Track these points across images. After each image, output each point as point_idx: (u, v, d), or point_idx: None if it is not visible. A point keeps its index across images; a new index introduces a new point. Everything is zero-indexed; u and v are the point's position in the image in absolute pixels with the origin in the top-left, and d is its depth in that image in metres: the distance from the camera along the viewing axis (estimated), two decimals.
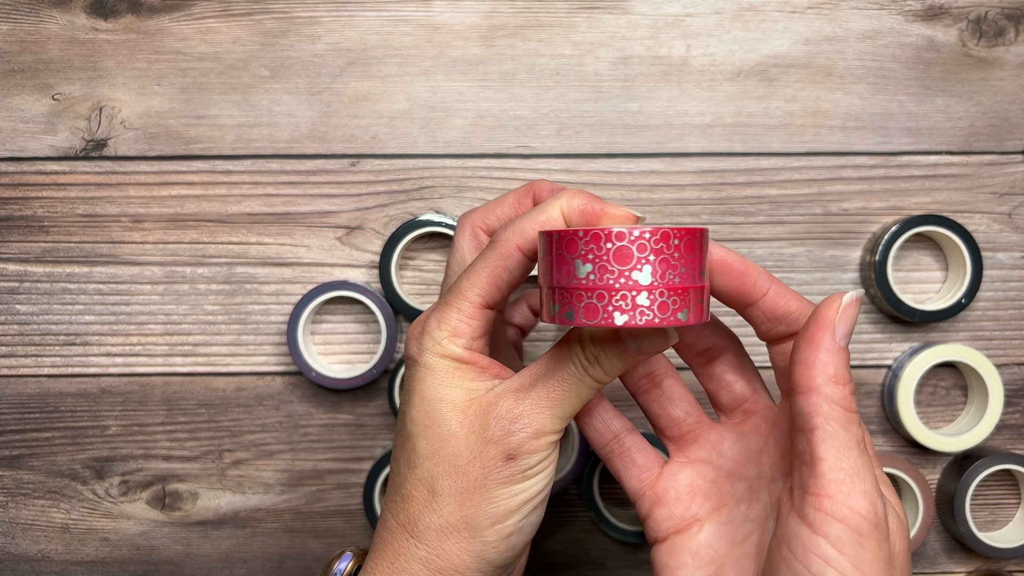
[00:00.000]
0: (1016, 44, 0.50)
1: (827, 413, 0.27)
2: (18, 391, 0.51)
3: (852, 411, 0.28)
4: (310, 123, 0.50)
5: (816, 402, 0.28)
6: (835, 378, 0.28)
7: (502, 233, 0.32)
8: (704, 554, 0.32)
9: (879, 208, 0.50)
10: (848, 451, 0.27)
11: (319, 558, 0.51)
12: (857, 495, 0.27)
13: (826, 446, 0.27)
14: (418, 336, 0.32)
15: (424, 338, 0.32)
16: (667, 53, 0.50)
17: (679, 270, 0.28)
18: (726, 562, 0.32)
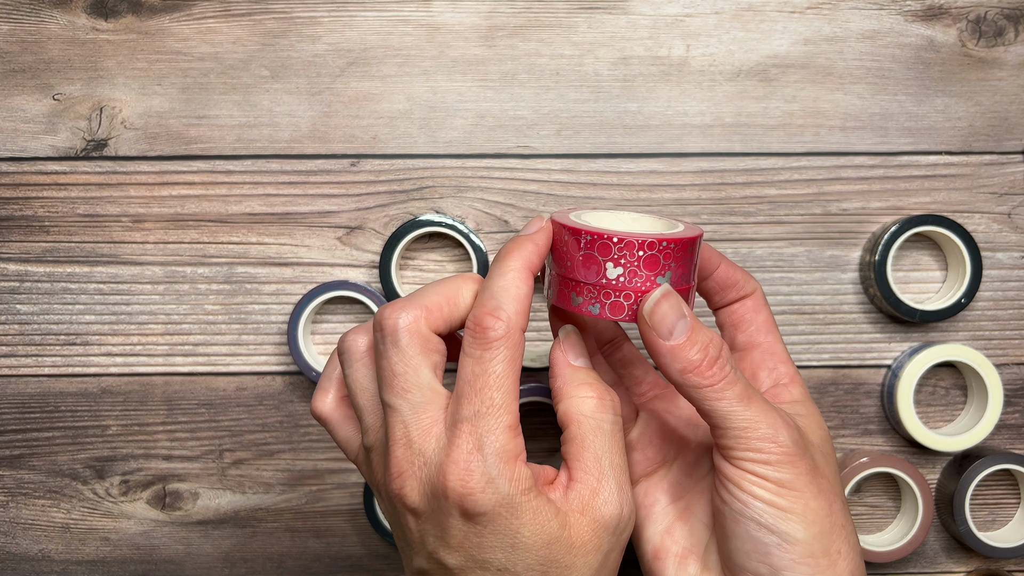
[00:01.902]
0: (1016, 44, 0.50)
1: (697, 397, 0.31)
2: (18, 391, 0.51)
3: (714, 383, 0.31)
4: (310, 123, 0.50)
5: (685, 392, 0.31)
6: (683, 371, 0.31)
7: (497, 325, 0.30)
8: (674, 490, 0.36)
9: (879, 208, 0.50)
10: (732, 414, 0.31)
11: (319, 558, 0.51)
12: (755, 440, 0.31)
13: (713, 418, 0.31)
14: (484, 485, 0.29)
15: (498, 483, 0.29)
16: (667, 53, 0.50)
17: (688, 272, 0.32)
18: (692, 494, 0.36)
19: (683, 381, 0.31)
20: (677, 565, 0.35)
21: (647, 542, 0.36)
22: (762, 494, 0.31)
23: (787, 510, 0.31)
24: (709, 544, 0.35)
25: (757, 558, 0.32)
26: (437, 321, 0.32)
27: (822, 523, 0.31)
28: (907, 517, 0.50)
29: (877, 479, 0.51)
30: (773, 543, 0.31)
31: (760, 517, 0.31)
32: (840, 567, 0.32)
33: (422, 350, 0.31)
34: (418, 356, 0.31)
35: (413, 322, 0.31)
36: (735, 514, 0.32)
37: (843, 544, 0.32)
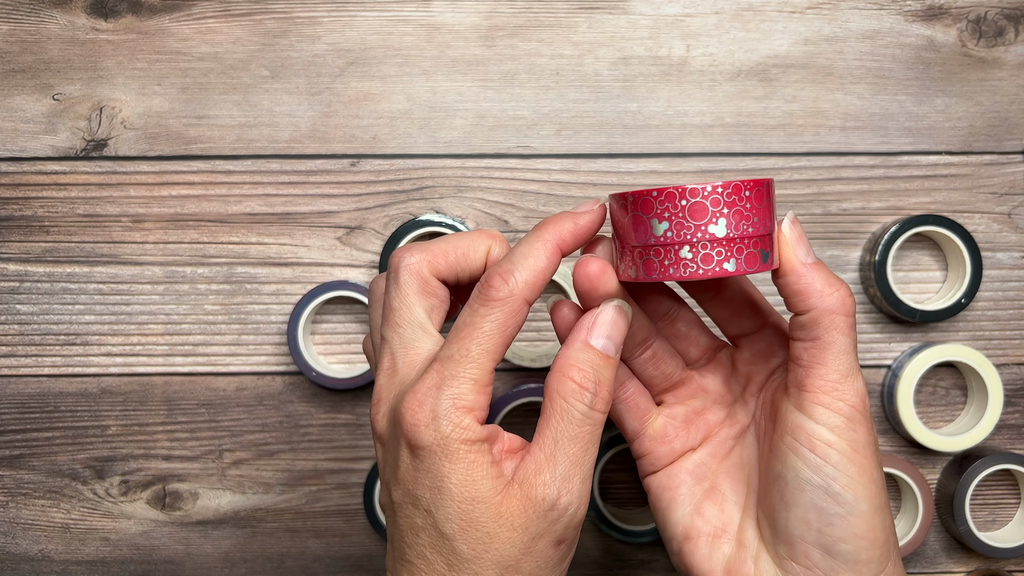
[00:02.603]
0: (1016, 44, 0.50)
1: (828, 324, 0.31)
2: (18, 391, 0.51)
3: (848, 313, 0.31)
4: (310, 123, 0.50)
5: (816, 318, 0.31)
6: (823, 291, 0.31)
7: (502, 286, 0.30)
8: (698, 471, 0.36)
9: (879, 208, 0.50)
10: (845, 354, 0.31)
11: (319, 558, 0.51)
12: (851, 391, 0.31)
13: (827, 352, 0.31)
14: (429, 420, 0.29)
15: (441, 423, 0.29)
16: (667, 53, 0.50)
17: (752, 220, 0.30)
18: (718, 474, 0.36)
19: (822, 303, 0.31)
20: (711, 545, 0.35)
21: (675, 524, 0.36)
22: (834, 457, 0.31)
23: (855, 478, 0.31)
24: (743, 522, 0.35)
25: (818, 527, 0.31)
26: (441, 267, 0.33)
27: (880, 496, 0.32)
28: (907, 517, 0.50)
29: None
30: (838, 514, 0.31)
31: (829, 485, 0.31)
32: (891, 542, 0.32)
33: (419, 290, 0.32)
34: (414, 294, 0.32)
35: (416, 263, 0.32)
36: (800, 482, 0.32)
37: (890, 520, 0.32)
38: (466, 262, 0.33)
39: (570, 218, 0.32)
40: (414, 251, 0.33)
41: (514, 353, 0.49)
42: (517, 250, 0.32)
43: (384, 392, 0.32)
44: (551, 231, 0.32)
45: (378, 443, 0.32)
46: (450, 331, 0.31)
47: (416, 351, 0.32)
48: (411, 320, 0.32)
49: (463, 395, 0.30)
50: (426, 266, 0.32)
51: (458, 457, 0.30)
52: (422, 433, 0.30)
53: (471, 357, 0.30)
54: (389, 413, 0.31)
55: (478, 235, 0.34)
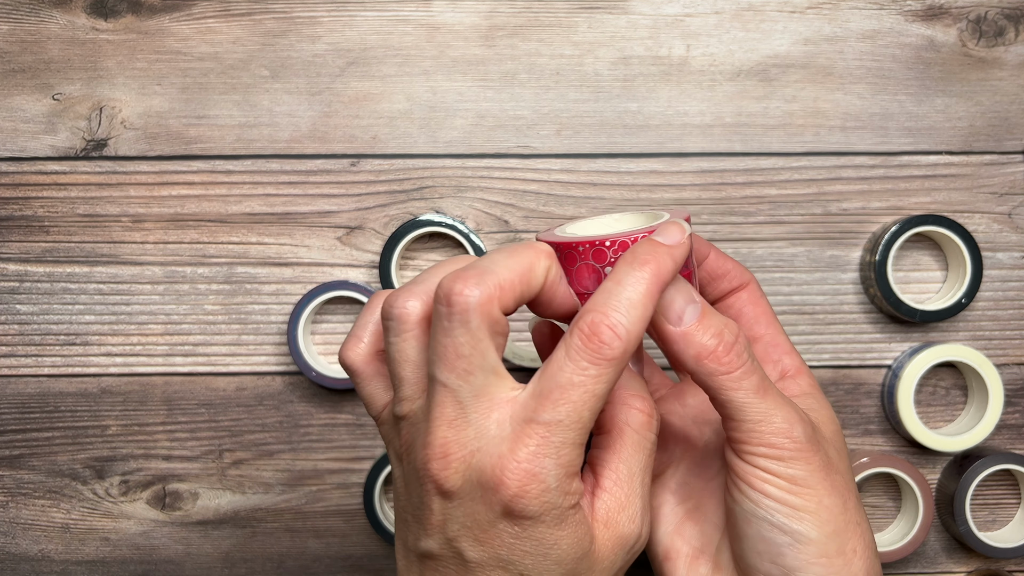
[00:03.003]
0: (1016, 44, 0.50)
1: (714, 387, 0.30)
2: (18, 391, 0.51)
3: (732, 370, 0.30)
4: (310, 123, 0.50)
5: (701, 381, 0.30)
6: (697, 356, 0.30)
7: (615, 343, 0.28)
8: (682, 491, 0.36)
9: (879, 208, 0.50)
10: (747, 405, 0.30)
11: (319, 558, 0.51)
12: (768, 435, 0.30)
13: (728, 409, 0.30)
14: (539, 492, 0.28)
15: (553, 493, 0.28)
16: (667, 53, 0.50)
17: None
18: (702, 495, 0.35)
19: (698, 368, 0.30)
20: (688, 566, 0.34)
21: (657, 543, 0.35)
22: (774, 492, 0.30)
23: (800, 508, 0.30)
24: (721, 544, 0.34)
25: (769, 558, 0.31)
26: (508, 301, 0.29)
27: (836, 521, 0.31)
28: (907, 517, 0.50)
29: (877, 479, 0.51)
30: (785, 543, 0.30)
31: (772, 517, 0.30)
32: (855, 566, 0.31)
33: (491, 332, 0.28)
34: (487, 339, 0.28)
35: (487, 303, 0.28)
36: (746, 514, 0.31)
37: (858, 542, 0.31)
38: (529, 289, 0.30)
39: (669, 254, 0.30)
40: (480, 285, 0.28)
41: (514, 353, 0.49)
42: (622, 293, 0.29)
43: (454, 446, 0.29)
44: (655, 271, 0.29)
45: (439, 496, 0.29)
46: (546, 384, 0.28)
47: (489, 398, 0.29)
48: (483, 367, 0.28)
49: (573, 462, 0.28)
50: (496, 304, 0.29)
51: (567, 523, 0.29)
52: (532, 504, 0.28)
53: (583, 422, 0.28)
54: (467, 471, 0.29)
55: (534, 254, 0.30)
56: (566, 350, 0.28)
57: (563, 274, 0.31)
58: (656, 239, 0.30)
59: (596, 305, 0.29)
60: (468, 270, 0.29)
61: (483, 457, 0.28)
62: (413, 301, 0.30)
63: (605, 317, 0.28)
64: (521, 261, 0.30)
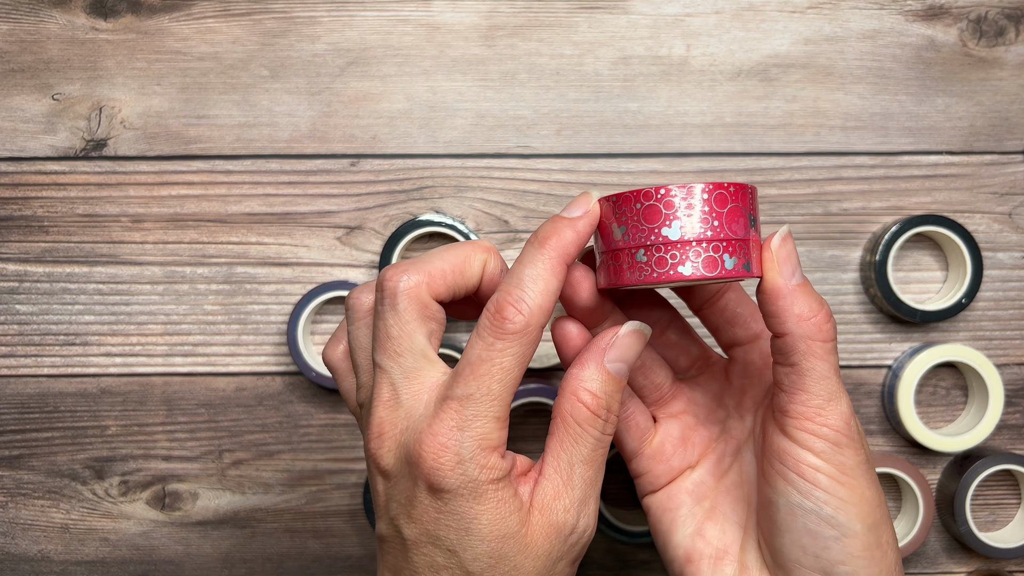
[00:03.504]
0: (1016, 44, 0.50)
1: (804, 350, 0.30)
2: (18, 391, 0.51)
3: (828, 339, 0.30)
4: (310, 123, 0.50)
5: (792, 344, 0.30)
6: (801, 316, 0.30)
7: (516, 317, 0.29)
8: (698, 491, 0.36)
9: (879, 208, 0.50)
10: (826, 379, 0.30)
11: (319, 558, 0.51)
12: (834, 415, 0.31)
13: (806, 378, 0.30)
14: (454, 464, 0.29)
15: (468, 465, 0.29)
16: (667, 53, 0.50)
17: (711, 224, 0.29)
18: (717, 493, 0.35)
19: (798, 329, 0.30)
20: (713, 567, 0.34)
21: (677, 547, 0.35)
22: (823, 481, 0.31)
23: (846, 500, 0.31)
24: (745, 542, 0.34)
25: (814, 552, 0.31)
26: (439, 288, 0.31)
27: (875, 513, 0.31)
28: (908, 517, 0.50)
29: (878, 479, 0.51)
30: (832, 536, 0.31)
31: (820, 509, 0.31)
32: (890, 557, 0.31)
33: (419, 315, 0.30)
34: (414, 321, 0.30)
35: (414, 287, 0.30)
36: (791, 506, 0.31)
37: (890, 535, 0.32)
38: (463, 280, 0.32)
39: (569, 226, 0.31)
40: (409, 272, 0.31)
41: None
42: (523, 271, 0.30)
43: (387, 426, 0.30)
44: (554, 245, 0.30)
45: (380, 476, 0.31)
46: (461, 364, 0.30)
47: (420, 381, 0.30)
48: (412, 348, 0.30)
49: (488, 435, 0.29)
50: (425, 289, 0.31)
51: (486, 498, 0.29)
52: (447, 476, 0.29)
53: (494, 395, 0.29)
54: (397, 450, 0.30)
55: (471, 248, 0.32)
56: (476, 331, 0.30)
57: (504, 267, 0.32)
58: (560, 213, 0.31)
59: (502, 287, 0.30)
60: (406, 262, 0.31)
61: (409, 436, 0.30)
62: (364, 293, 0.33)
63: (508, 295, 0.30)
64: (457, 254, 0.32)
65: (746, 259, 0.30)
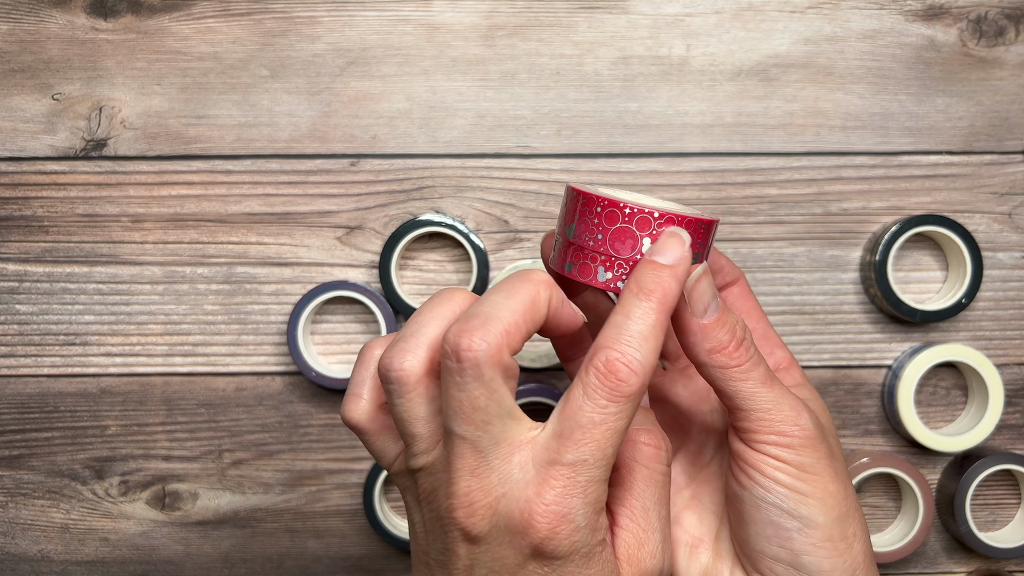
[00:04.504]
0: (1016, 44, 0.50)
1: (722, 378, 0.31)
2: (18, 391, 0.51)
3: (741, 363, 0.31)
4: (310, 123, 0.50)
5: (710, 373, 0.31)
6: (712, 350, 0.31)
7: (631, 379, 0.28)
8: (678, 480, 0.36)
9: (879, 208, 0.50)
10: (756, 395, 0.31)
11: (319, 558, 0.51)
12: (778, 423, 0.31)
13: (736, 399, 0.31)
14: (570, 532, 0.28)
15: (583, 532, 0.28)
16: (667, 53, 0.50)
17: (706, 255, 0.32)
18: (697, 483, 0.36)
19: (710, 361, 0.31)
20: (688, 554, 0.35)
21: None
22: (784, 479, 0.31)
23: (808, 495, 0.31)
24: (720, 531, 0.35)
25: (778, 543, 0.32)
26: (516, 344, 0.29)
27: (840, 507, 0.32)
28: (908, 517, 0.50)
29: (878, 479, 0.51)
30: (794, 528, 0.31)
31: (782, 503, 0.31)
32: (856, 549, 0.32)
33: (504, 378, 0.28)
34: (502, 387, 0.28)
35: (496, 352, 0.28)
36: (755, 500, 0.32)
37: (858, 527, 0.32)
38: (535, 326, 0.30)
39: (672, 278, 0.30)
40: (486, 336, 0.28)
41: None
42: (633, 328, 0.29)
43: (479, 494, 0.28)
44: (660, 299, 0.29)
45: (465, 542, 0.29)
46: (568, 425, 0.28)
47: (508, 443, 0.29)
48: (500, 414, 0.28)
49: (601, 498, 0.29)
50: (506, 352, 0.28)
51: (594, 560, 0.29)
52: (562, 544, 0.28)
53: (608, 458, 0.28)
54: (493, 517, 0.28)
55: (535, 288, 0.29)
56: (583, 389, 0.28)
57: (563, 297, 0.31)
58: (657, 260, 0.30)
59: (609, 341, 0.28)
60: (471, 320, 0.28)
61: (509, 502, 0.28)
62: (411, 359, 0.30)
63: (621, 355, 0.28)
64: (523, 300, 0.29)
65: (625, 279, 0.31)
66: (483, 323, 0.28)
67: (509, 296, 0.29)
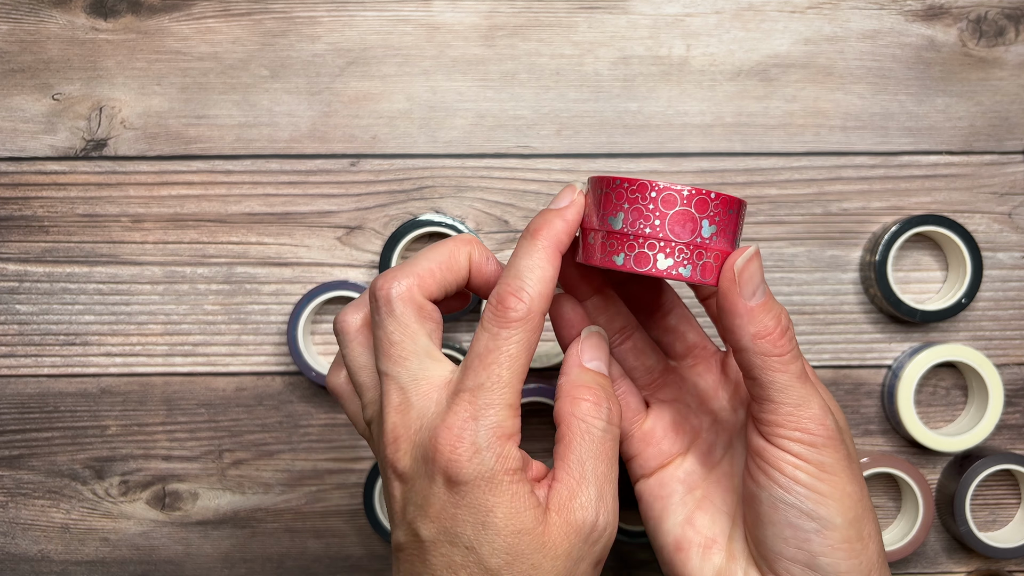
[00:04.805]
0: (1016, 44, 0.50)
1: (761, 366, 0.31)
2: (18, 391, 0.51)
3: (784, 353, 0.31)
4: (310, 123, 0.50)
5: (749, 360, 0.31)
6: (756, 335, 0.31)
7: (518, 305, 0.30)
8: (689, 480, 0.36)
9: (879, 208, 0.50)
10: (789, 388, 0.31)
11: (319, 558, 0.51)
12: (805, 419, 0.31)
13: (769, 390, 0.31)
14: (471, 454, 0.29)
15: (484, 454, 0.29)
16: (667, 53, 0.50)
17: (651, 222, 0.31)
18: (708, 483, 0.36)
19: (753, 347, 0.31)
20: (701, 556, 0.35)
21: (667, 534, 0.35)
22: (803, 478, 0.31)
23: (827, 495, 0.31)
24: (733, 532, 0.35)
25: (795, 544, 0.32)
26: (431, 287, 0.32)
27: (857, 508, 0.32)
28: (908, 517, 0.50)
29: (878, 479, 0.51)
30: (813, 529, 0.31)
31: (800, 503, 0.31)
32: (871, 550, 0.32)
33: (418, 317, 0.31)
34: (414, 323, 0.31)
35: (407, 290, 0.31)
36: (773, 500, 0.32)
37: (872, 527, 0.33)
38: (452, 275, 0.33)
39: (558, 217, 0.32)
40: (399, 277, 0.31)
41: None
42: (520, 263, 0.31)
43: (401, 429, 0.30)
44: (546, 235, 0.31)
45: (397, 481, 0.31)
46: (469, 357, 0.30)
47: (428, 381, 0.31)
48: (416, 350, 0.31)
49: (502, 423, 0.30)
50: (418, 291, 0.31)
51: (502, 488, 0.29)
52: (464, 467, 0.29)
53: (504, 381, 0.30)
54: (413, 450, 0.30)
55: (454, 243, 0.33)
56: (481, 324, 0.31)
57: (489, 255, 0.33)
58: (550, 207, 0.32)
59: (502, 280, 0.31)
60: (393, 268, 0.32)
61: (424, 433, 0.30)
62: (352, 314, 0.34)
63: (508, 286, 0.31)
64: (441, 252, 0.32)
65: (687, 264, 0.31)
66: (400, 268, 0.32)
67: (431, 250, 0.33)
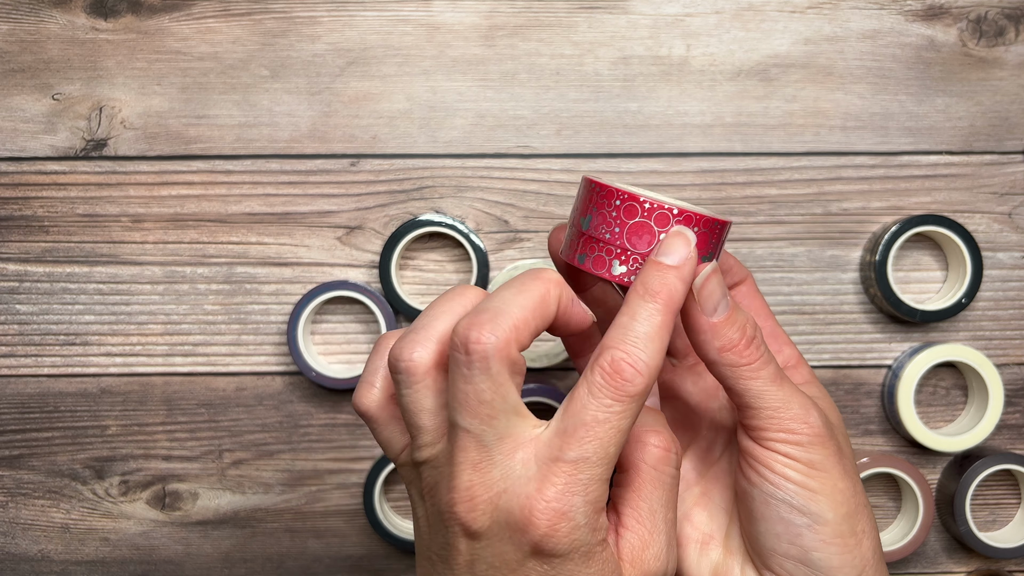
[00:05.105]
0: (1016, 44, 0.50)
1: (732, 376, 0.31)
2: (18, 391, 0.51)
3: (752, 361, 0.31)
4: (310, 123, 0.50)
5: (720, 371, 0.31)
6: (722, 348, 0.31)
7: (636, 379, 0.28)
8: (688, 476, 0.36)
9: (879, 208, 0.50)
10: (765, 393, 0.31)
11: (319, 558, 0.51)
12: (787, 420, 0.31)
13: (746, 397, 0.31)
14: (569, 530, 0.28)
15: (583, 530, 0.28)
16: (667, 53, 0.50)
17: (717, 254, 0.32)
18: (707, 480, 0.36)
19: (720, 359, 0.31)
20: (699, 551, 0.35)
21: None
22: (793, 475, 0.31)
23: (817, 491, 0.31)
24: (730, 528, 0.35)
25: (788, 540, 0.32)
26: (525, 340, 0.29)
27: (849, 504, 0.32)
28: (908, 517, 0.50)
29: (878, 479, 0.51)
30: (804, 524, 0.31)
31: (792, 499, 0.31)
32: (864, 546, 0.32)
33: (511, 374, 0.29)
34: (507, 381, 0.28)
35: (504, 347, 0.28)
36: (765, 496, 0.32)
37: (867, 523, 0.32)
38: (544, 323, 0.30)
39: (679, 280, 0.30)
40: (496, 330, 0.28)
41: None
42: (638, 328, 0.29)
43: (480, 489, 0.29)
44: (667, 301, 0.29)
45: (467, 538, 0.29)
46: (571, 423, 0.28)
47: (512, 439, 0.29)
48: (505, 408, 0.28)
49: (602, 498, 0.29)
50: (514, 347, 0.28)
51: (595, 559, 0.29)
52: (562, 543, 0.28)
53: (609, 457, 0.28)
54: (494, 512, 0.29)
55: (545, 285, 0.30)
56: (588, 388, 0.29)
57: (573, 295, 0.31)
58: (661, 260, 0.30)
59: (615, 342, 0.29)
60: (481, 314, 0.28)
61: (510, 498, 0.28)
62: (420, 351, 0.30)
63: (626, 355, 0.28)
64: (533, 296, 0.29)
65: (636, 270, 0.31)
66: (493, 317, 0.28)
67: (520, 292, 0.29)
